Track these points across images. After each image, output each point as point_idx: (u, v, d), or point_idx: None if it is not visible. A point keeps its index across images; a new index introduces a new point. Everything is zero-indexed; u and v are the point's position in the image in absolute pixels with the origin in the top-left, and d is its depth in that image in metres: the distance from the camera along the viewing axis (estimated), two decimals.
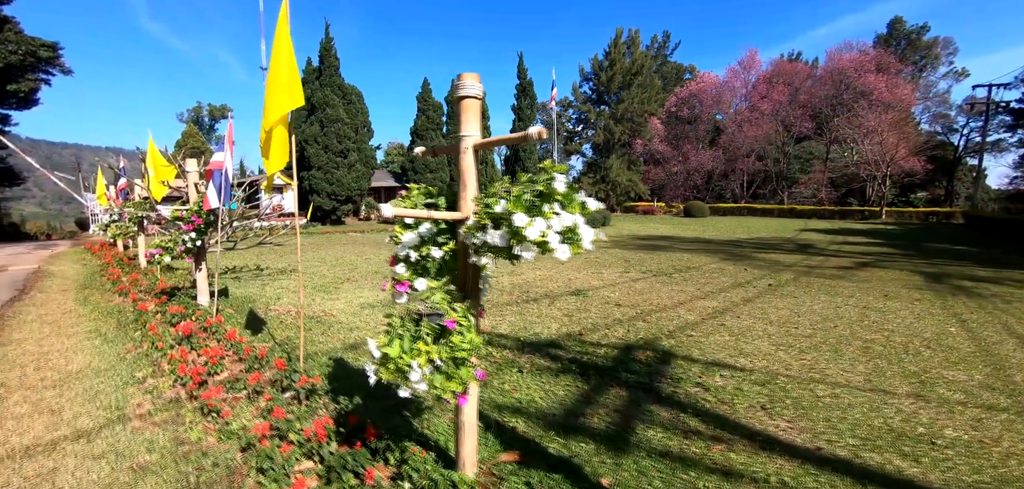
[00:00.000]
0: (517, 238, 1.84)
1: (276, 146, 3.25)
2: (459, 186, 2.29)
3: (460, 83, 2.22)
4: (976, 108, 48.70)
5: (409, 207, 2.39)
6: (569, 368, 4.51)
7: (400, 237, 2.30)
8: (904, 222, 35.16)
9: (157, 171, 8.09)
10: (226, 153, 5.41)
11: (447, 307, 2.15)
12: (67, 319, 6.01)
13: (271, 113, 3.10)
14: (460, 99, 2.24)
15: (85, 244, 16.31)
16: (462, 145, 2.25)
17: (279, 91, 3.08)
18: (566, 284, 9.07)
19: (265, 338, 5.10)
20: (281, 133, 3.24)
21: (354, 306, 6.93)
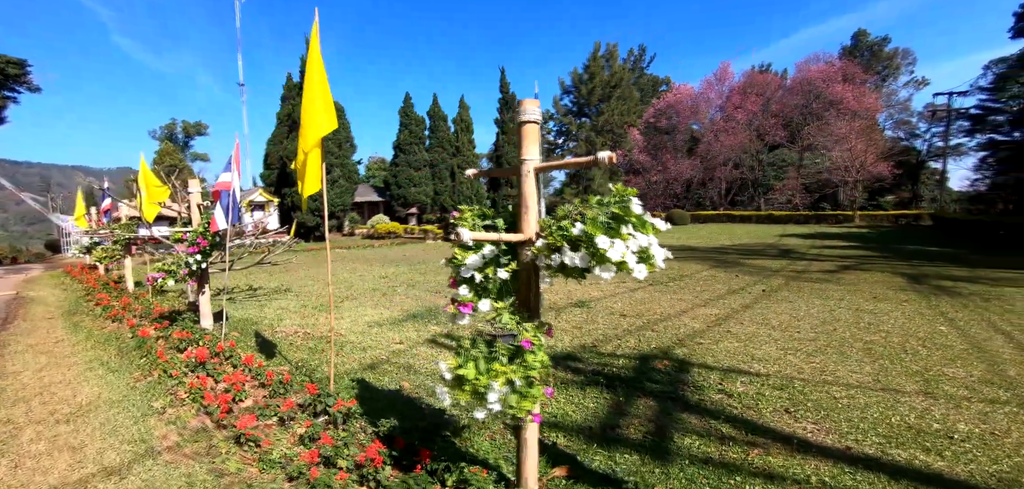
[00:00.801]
0: (598, 259, 1.88)
1: (312, 170, 3.22)
2: (520, 208, 2.32)
3: (521, 109, 2.27)
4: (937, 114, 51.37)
5: (468, 227, 2.42)
6: (594, 380, 4.55)
7: (464, 259, 2.31)
8: (876, 225, 36.57)
9: (150, 191, 7.88)
10: (234, 173, 5.32)
11: (520, 327, 2.17)
12: (61, 348, 5.76)
13: (309, 137, 3.08)
14: (521, 124, 2.28)
15: (62, 267, 15.64)
16: (524, 169, 2.29)
17: (315, 114, 3.07)
18: (567, 296, 9.13)
19: (280, 361, 4.99)
20: (317, 157, 3.22)
21: (361, 325, 6.84)
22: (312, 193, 3.27)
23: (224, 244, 5.78)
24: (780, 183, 49.45)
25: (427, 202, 39.20)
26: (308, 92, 3.09)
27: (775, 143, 48.03)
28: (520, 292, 2.37)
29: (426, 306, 8.22)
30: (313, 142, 3.10)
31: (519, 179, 2.34)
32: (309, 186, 3.24)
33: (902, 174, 47.15)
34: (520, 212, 2.34)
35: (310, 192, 3.27)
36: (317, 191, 3.28)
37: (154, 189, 7.96)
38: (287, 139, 31.50)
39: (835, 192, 46.73)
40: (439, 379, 2.21)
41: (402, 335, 6.22)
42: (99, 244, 10.79)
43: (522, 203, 2.32)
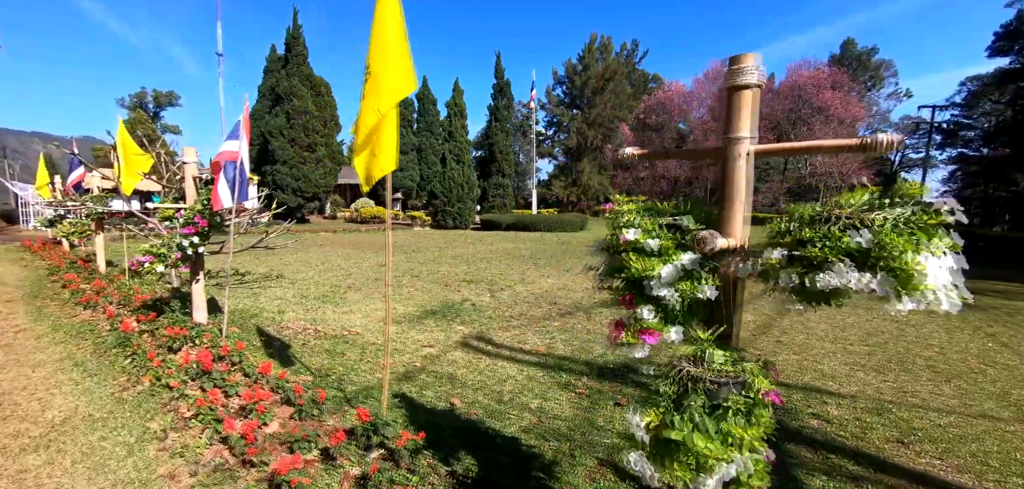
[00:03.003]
0: (904, 283, 1.24)
1: (387, 141, 2.46)
2: (726, 202, 1.67)
3: (737, 67, 1.61)
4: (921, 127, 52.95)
5: (648, 227, 1.75)
6: None
7: (651, 269, 1.64)
8: None
9: (129, 161, 6.90)
10: (242, 141, 4.48)
11: (748, 369, 1.53)
12: (24, 342, 4.84)
13: (384, 96, 2.32)
14: (734, 90, 1.62)
15: (20, 241, 14.18)
16: (735, 150, 1.64)
17: (391, 67, 2.31)
18: (587, 294, 8.53)
19: (298, 368, 4.21)
20: (394, 125, 2.46)
21: (375, 321, 6.08)
22: (389, 170, 2.52)
23: (225, 225, 4.93)
24: (764, 185, 50.11)
25: (413, 187, 38.04)
26: (380, 39, 2.34)
27: None
28: (720, 317, 1.73)
29: (441, 301, 7.50)
30: (390, 104, 2.36)
31: (724, 165, 1.69)
32: (384, 161, 2.49)
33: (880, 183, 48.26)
34: (725, 208, 1.70)
35: (385, 170, 2.52)
36: (393, 169, 2.55)
37: (134, 158, 6.98)
38: (269, 114, 29.87)
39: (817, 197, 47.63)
40: (625, 438, 1.56)
41: (428, 336, 5.51)
42: (66, 217, 9.64)
43: (730, 197, 1.68)
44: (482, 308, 7.12)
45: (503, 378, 4.36)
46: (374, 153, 2.51)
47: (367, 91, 2.39)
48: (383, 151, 2.47)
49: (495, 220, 26.39)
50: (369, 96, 2.38)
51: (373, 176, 2.58)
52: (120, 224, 9.73)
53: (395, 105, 2.41)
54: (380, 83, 2.34)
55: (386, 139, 2.47)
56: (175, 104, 51.36)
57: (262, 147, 29.38)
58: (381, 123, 2.42)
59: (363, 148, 2.55)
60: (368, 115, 2.39)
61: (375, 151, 2.50)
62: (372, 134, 2.47)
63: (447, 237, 21.63)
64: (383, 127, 2.44)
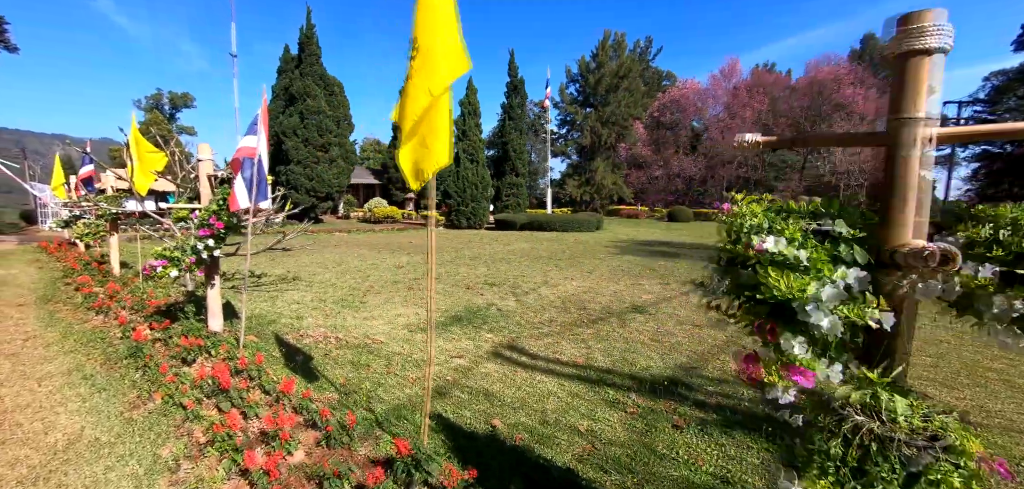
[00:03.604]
0: None
1: (441, 129, 2.07)
2: (896, 204, 1.27)
3: (914, 27, 1.21)
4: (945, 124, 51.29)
5: (792, 235, 1.36)
6: (740, 422, 3.54)
7: (809, 291, 1.24)
8: None
9: (142, 159, 6.65)
10: (260, 136, 4.15)
11: (950, 425, 1.13)
12: (31, 350, 4.57)
13: (437, 76, 1.94)
14: (910, 55, 1.23)
15: (37, 242, 14.15)
16: (909, 134, 1.24)
17: (443, 44, 1.93)
18: (615, 297, 8.11)
19: (321, 384, 3.86)
20: (447, 110, 2.07)
21: (399, 328, 5.73)
22: (442, 166, 2.14)
23: (242, 227, 4.61)
24: (782, 184, 49.03)
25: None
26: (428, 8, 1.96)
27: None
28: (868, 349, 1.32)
29: (465, 305, 7.13)
30: (444, 84, 1.97)
31: (891, 155, 1.29)
32: (438, 153, 2.10)
33: None
34: (894, 211, 1.30)
35: (439, 163, 2.14)
36: (447, 164, 2.16)
37: (148, 156, 6.73)
38: (283, 114, 29.84)
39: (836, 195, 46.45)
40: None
41: (456, 345, 5.14)
42: (80, 218, 9.46)
43: (901, 196, 1.28)
44: (509, 313, 6.74)
45: (543, 394, 3.97)
46: (425, 144, 2.12)
47: (414, 69, 2.01)
48: (437, 141, 2.09)
49: (509, 220, 26.01)
50: (417, 75, 2.00)
51: (424, 171, 2.19)
52: (134, 225, 9.53)
53: (450, 85, 2.03)
54: (432, 58, 1.96)
55: (440, 126, 2.08)
56: (190, 106, 51.82)
57: (276, 147, 29.35)
58: (433, 107, 2.04)
59: (410, 137, 2.16)
60: (417, 97, 2.01)
61: (427, 142, 2.11)
62: (422, 121, 2.08)
63: (462, 237, 21.30)
64: (436, 112, 2.06)
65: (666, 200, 50.14)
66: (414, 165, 2.22)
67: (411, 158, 2.22)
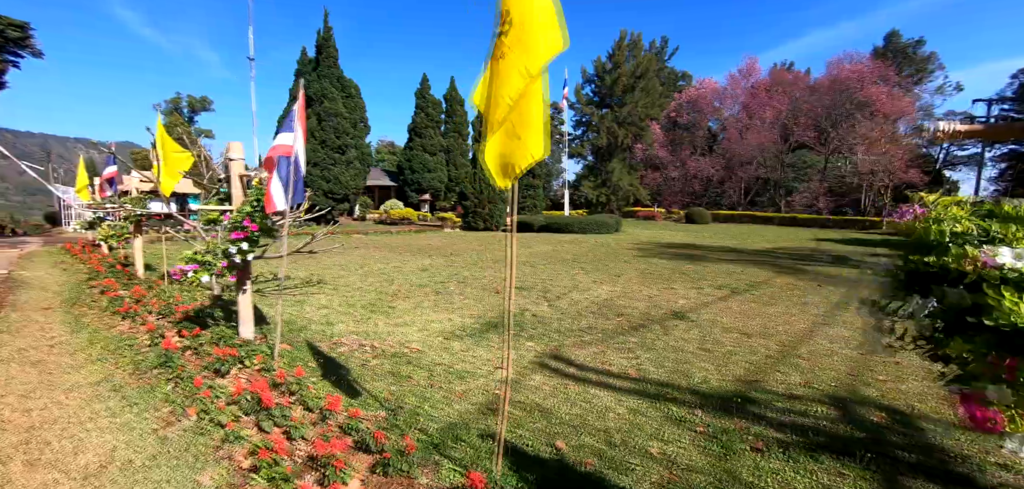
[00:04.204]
0: None
1: (535, 112, 1.77)
2: None
3: None
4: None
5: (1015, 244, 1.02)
6: (825, 445, 3.19)
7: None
8: None
9: (168, 159, 6.48)
10: (297, 133, 3.90)
11: None
12: (58, 357, 4.38)
13: (533, 55, 1.64)
14: None
15: (62, 243, 14.21)
16: None
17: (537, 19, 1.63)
18: (651, 303, 7.75)
19: (363, 398, 3.58)
20: (540, 94, 1.76)
21: (433, 336, 5.46)
22: (536, 159, 1.84)
23: (276, 231, 4.38)
24: (803, 185, 47.95)
25: (441, 188, 37.72)
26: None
27: (799, 143, 46.52)
28: None
29: (498, 310, 6.84)
30: (542, 62, 1.67)
31: None
32: (532, 144, 1.78)
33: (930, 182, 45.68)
34: None
35: (534, 156, 1.82)
36: (542, 158, 1.85)
37: (173, 156, 6.56)
38: None
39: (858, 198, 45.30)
40: None
41: (497, 354, 4.84)
42: (105, 219, 9.38)
43: None
44: (545, 319, 6.43)
45: (601, 410, 3.65)
46: (516, 134, 1.82)
47: (506, 46, 1.71)
48: (529, 131, 1.78)
49: (527, 221, 25.70)
50: (511, 52, 1.69)
51: (515, 166, 1.89)
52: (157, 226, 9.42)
53: (546, 65, 1.72)
54: (528, 33, 1.66)
55: (533, 114, 1.78)
56: (208, 109, 52.49)
57: None
58: (528, 91, 1.74)
59: (498, 127, 1.86)
60: (509, 79, 1.71)
61: (518, 131, 1.81)
62: (514, 108, 1.78)
63: (480, 239, 21.05)
64: (530, 97, 1.76)
65: (683, 201, 49.39)
66: (502, 160, 1.92)
67: (498, 151, 1.92)
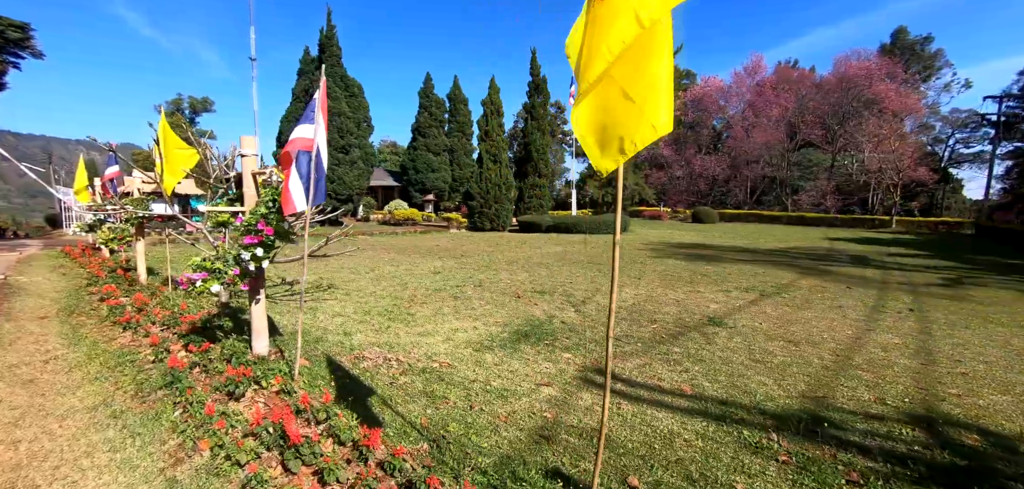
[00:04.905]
0: None
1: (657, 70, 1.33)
2: None
3: None
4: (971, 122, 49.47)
5: None
6: (929, 476, 2.78)
7: None
8: (917, 231, 34.55)
9: (171, 156, 6.07)
10: (318, 126, 3.47)
11: None
12: (53, 375, 3.95)
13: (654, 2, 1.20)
14: None
15: (61, 246, 13.80)
16: None
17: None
18: (681, 308, 7.32)
19: (402, 428, 3.13)
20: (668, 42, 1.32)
21: (460, 347, 5.02)
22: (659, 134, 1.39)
23: (293, 235, 3.95)
24: (810, 183, 47.45)
25: (445, 188, 37.29)
26: None
27: (806, 142, 46.06)
28: None
29: (524, 317, 6.40)
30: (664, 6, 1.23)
31: None
32: (651, 112, 1.33)
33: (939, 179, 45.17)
34: None
35: (658, 129, 1.37)
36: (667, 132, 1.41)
37: (177, 153, 6.15)
38: None
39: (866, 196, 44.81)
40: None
41: (535, 368, 4.41)
42: (105, 221, 8.96)
43: None
44: (576, 327, 6.00)
45: (666, 436, 3.22)
46: (629, 96, 1.37)
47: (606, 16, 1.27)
48: (653, 93, 1.34)
49: (535, 222, 25.25)
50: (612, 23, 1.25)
51: (626, 139, 1.43)
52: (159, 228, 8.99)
53: (670, 11, 1.29)
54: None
55: (655, 71, 1.34)
56: (210, 110, 52.12)
57: None
58: (646, 41, 1.30)
59: (597, 85, 1.40)
60: (614, 24, 1.26)
61: (631, 93, 1.36)
62: (622, 60, 1.33)
63: (488, 240, 20.61)
64: (650, 49, 1.32)
65: (688, 201, 48.94)
66: (603, 131, 1.45)
67: (597, 120, 1.45)
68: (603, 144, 1.50)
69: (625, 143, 1.46)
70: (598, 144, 1.51)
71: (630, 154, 1.49)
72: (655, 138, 1.44)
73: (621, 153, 1.49)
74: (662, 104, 1.38)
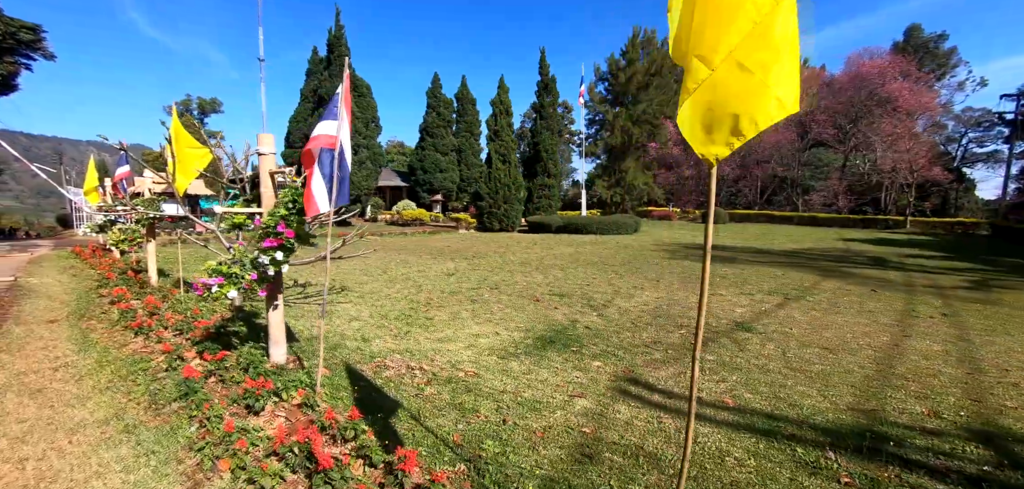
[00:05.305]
0: None
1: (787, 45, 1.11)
2: None
3: None
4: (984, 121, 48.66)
5: None
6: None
7: None
8: (932, 232, 33.97)
9: (183, 156, 5.91)
10: (342, 122, 3.27)
11: None
12: (62, 384, 3.77)
13: None
14: None
15: (71, 246, 13.75)
16: None
17: None
18: (707, 312, 7.05)
19: (436, 447, 2.92)
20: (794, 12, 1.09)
21: (484, 353, 4.80)
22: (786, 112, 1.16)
23: (313, 238, 3.75)
24: (822, 183, 46.83)
25: (453, 188, 37.12)
26: None
27: (817, 141, 45.46)
28: None
29: (546, 322, 6.18)
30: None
31: None
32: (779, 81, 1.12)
33: (953, 179, 44.42)
34: None
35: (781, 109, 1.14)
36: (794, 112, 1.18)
37: (189, 152, 5.98)
38: (312, 116, 29.46)
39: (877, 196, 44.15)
40: None
41: (564, 378, 4.18)
42: (116, 222, 8.84)
43: None
44: (600, 332, 5.77)
45: (716, 454, 2.98)
46: (748, 67, 1.14)
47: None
48: (778, 65, 1.12)
49: (544, 222, 25.01)
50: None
51: (749, 116, 1.19)
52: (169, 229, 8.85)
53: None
54: None
55: (780, 37, 1.12)
56: (218, 111, 52.35)
57: None
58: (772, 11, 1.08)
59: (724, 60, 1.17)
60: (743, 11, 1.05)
61: (751, 63, 1.13)
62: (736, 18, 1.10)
63: (498, 240, 20.39)
64: (775, 18, 1.10)
65: (697, 201, 48.45)
66: (706, 108, 1.21)
67: (703, 98, 1.21)
68: (710, 126, 1.26)
69: (742, 122, 1.22)
70: (703, 126, 1.28)
71: (748, 135, 1.25)
72: (781, 116, 1.20)
73: (735, 135, 1.26)
74: (788, 77, 1.14)
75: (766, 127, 1.22)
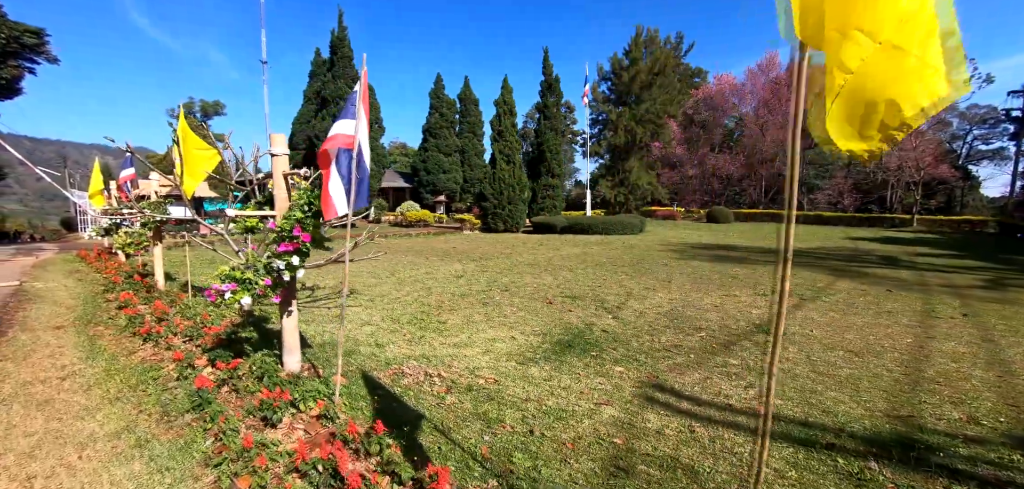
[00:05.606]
0: None
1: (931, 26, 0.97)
2: None
3: None
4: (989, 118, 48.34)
5: None
6: None
7: None
8: (939, 230, 33.69)
9: (191, 158, 5.77)
10: (360, 121, 3.14)
11: None
12: (70, 394, 3.65)
13: None
14: None
15: (76, 250, 13.67)
16: None
17: None
18: (722, 313, 6.93)
19: (463, 462, 2.78)
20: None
21: (502, 359, 4.67)
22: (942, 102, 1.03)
23: (328, 242, 3.63)
24: (827, 182, 46.58)
25: (456, 189, 37.02)
26: None
27: None
28: None
29: (561, 325, 6.04)
30: None
31: None
32: (933, 63, 1.02)
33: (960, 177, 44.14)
34: None
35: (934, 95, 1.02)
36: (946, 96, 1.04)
37: (197, 154, 5.84)
38: (315, 117, 29.38)
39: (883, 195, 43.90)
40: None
41: (586, 384, 4.04)
42: (122, 225, 8.73)
43: None
44: (618, 335, 5.63)
45: (753, 465, 2.85)
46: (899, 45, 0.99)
47: None
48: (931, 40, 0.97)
49: (549, 222, 24.86)
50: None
51: (909, 105, 1.03)
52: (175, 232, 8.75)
53: None
54: None
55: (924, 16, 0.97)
56: (221, 113, 52.35)
57: (308, 151, 28.90)
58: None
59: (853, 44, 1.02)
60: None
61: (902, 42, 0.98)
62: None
63: (503, 241, 20.26)
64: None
65: (701, 200, 48.29)
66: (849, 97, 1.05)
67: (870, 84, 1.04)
68: (857, 118, 1.08)
69: (904, 108, 1.05)
70: (846, 117, 1.11)
71: (914, 125, 1.07)
72: (950, 100, 1.04)
73: (895, 128, 1.08)
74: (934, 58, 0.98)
75: (933, 114, 1.04)
